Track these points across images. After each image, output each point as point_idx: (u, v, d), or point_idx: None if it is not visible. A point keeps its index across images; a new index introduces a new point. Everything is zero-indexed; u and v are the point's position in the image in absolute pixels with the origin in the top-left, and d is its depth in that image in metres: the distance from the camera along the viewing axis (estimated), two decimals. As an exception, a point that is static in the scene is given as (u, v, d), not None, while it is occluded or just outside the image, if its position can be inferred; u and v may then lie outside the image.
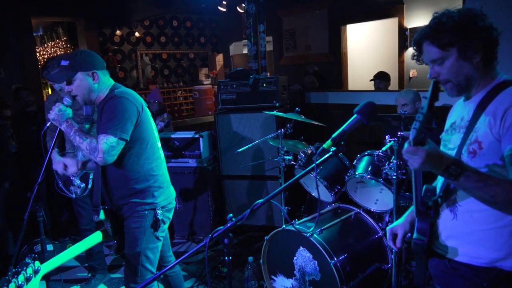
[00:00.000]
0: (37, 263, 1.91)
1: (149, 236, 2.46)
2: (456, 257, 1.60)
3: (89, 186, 3.34)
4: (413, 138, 1.38)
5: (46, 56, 9.04)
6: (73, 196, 3.39)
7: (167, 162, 5.08)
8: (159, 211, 2.46)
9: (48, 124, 2.52)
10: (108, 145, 2.24)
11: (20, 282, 1.82)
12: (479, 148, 1.49)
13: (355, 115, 1.63)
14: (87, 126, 2.76)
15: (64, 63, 2.37)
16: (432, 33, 1.55)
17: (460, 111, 1.67)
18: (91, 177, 3.37)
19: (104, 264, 3.90)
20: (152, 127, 2.53)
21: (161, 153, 2.62)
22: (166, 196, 2.55)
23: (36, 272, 1.95)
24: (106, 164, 2.32)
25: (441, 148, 1.72)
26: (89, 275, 3.86)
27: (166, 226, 2.58)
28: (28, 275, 1.90)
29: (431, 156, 1.37)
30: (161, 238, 2.54)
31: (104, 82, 2.45)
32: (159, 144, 2.61)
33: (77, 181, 3.35)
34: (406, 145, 1.42)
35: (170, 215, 2.60)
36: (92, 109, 2.76)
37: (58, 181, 3.38)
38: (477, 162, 1.49)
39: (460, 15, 1.51)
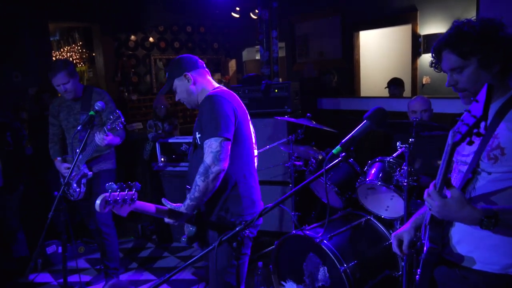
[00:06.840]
0: None
1: (233, 252, 2.31)
2: (468, 263, 1.56)
3: (83, 190, 3.47)
4: (441, 179, 1.38)
5: (62, 61, 9.18)
6: (72, 198, 3.54)
7: (176, 167, 5.07)
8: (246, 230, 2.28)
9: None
10: (213, 152, 2.10)
11: None
12: (502, 154, 1.47)
13: (365, 121, 1.64)
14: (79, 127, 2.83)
15: (167, 75, 2.42)
16: (453, 42, 1.53)
17: None
18: (83, 182, 3.47)
19: (117, 265, 3.87)
20: (251, 131, 2.41)
21: (255, 163, 2.44)
22: (254, 210, 2.34)
23: None
24: (224, 169, 2.13)
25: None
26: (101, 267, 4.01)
27: (251, 242, 2.43)
28: None
29: (449, 208, 1.40)
30: (246, 253, 2.41)
31: (201, 82, 2.38)
32: (256, 152, 2.45)
33: (74, 185, 3.50)
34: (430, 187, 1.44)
35: (255, 231, 2.44)
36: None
37: (62, 183, 3.57)
38: (499, 167, 1.48)
39: (482, 25, 1.50)
